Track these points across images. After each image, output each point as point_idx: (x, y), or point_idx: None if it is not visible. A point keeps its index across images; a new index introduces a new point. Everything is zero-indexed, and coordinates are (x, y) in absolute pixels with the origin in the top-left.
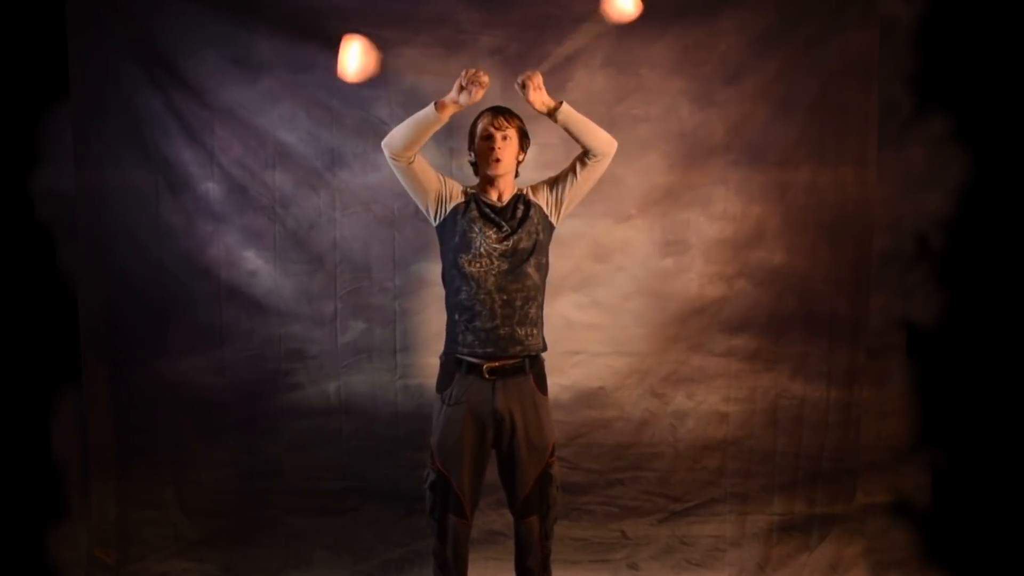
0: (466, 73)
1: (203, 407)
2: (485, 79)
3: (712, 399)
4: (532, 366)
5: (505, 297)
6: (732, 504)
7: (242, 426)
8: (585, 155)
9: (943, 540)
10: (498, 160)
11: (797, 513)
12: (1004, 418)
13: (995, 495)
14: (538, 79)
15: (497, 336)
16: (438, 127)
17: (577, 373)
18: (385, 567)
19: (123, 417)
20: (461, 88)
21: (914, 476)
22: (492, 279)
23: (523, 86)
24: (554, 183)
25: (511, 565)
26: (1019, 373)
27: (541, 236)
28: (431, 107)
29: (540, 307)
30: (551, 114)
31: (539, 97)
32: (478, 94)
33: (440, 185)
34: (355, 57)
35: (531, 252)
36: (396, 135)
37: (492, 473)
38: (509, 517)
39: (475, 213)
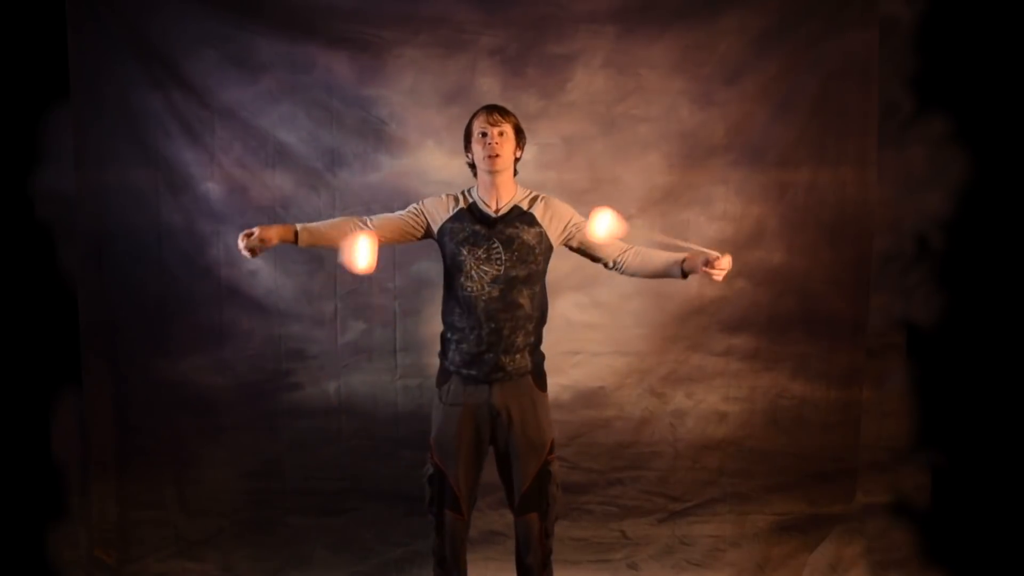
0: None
1: (203, 407)
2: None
3: (711, 399)
4: (529, 366)
5: (493, 325)
6: (732, 504)
7: (242, 426)
8: (607, 263)
9: (943, 540)
10: (495, 156)
11: (797, 513)
12: (1004, 418)
13: (995, 495)
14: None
15: (481, 360)
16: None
17: (577, 373)
18: (385, 567)
19: (123, 417)
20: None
21: (914, 476)
22: (482, 305)
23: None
24: (575, 227)
25: (511, 565)
26: (1019, 373)
27: (539, 266)
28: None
29: (530, 332)
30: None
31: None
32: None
33: (416, 222)
34: (365, 252)
35: (524, 281)
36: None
37: (492, 473)
38: (509, 517)
39: (464, 235)
